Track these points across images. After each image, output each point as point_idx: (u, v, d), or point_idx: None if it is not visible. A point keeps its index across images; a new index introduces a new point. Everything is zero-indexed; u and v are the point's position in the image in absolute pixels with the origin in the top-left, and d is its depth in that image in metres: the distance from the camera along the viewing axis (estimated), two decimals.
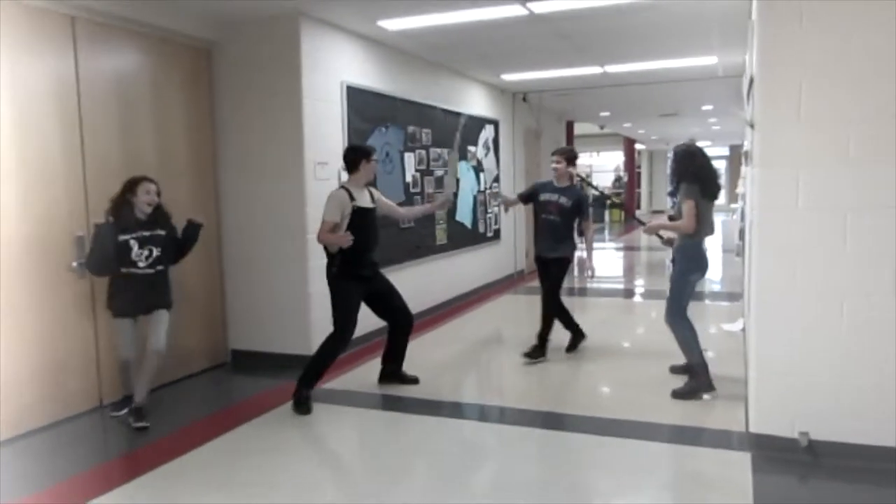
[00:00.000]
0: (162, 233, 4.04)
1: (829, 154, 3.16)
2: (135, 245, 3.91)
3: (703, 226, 4.26)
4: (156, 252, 3.99)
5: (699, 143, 4.62)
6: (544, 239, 5.24)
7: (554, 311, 5.27)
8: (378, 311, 4.59)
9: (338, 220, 4.18)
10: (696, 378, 4.31)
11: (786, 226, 3.26)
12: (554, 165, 5.24)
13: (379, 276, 4.52)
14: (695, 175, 4.20)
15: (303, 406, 4.22)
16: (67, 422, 4.09)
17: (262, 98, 5.15)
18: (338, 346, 4.33)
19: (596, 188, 5.35)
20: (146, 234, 3.96)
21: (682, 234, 4.30)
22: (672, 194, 4.37)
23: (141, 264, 3.94)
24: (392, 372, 4.74)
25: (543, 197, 5.22)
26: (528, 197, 5.43)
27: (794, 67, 3.18)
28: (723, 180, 27.18)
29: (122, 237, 3.88)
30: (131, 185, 3.95)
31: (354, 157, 4.34)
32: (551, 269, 5.23)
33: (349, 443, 3.95)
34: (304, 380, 4.31)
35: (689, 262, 4.31)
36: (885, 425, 3.16)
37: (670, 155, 4.64)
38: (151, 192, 3.99)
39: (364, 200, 4.32)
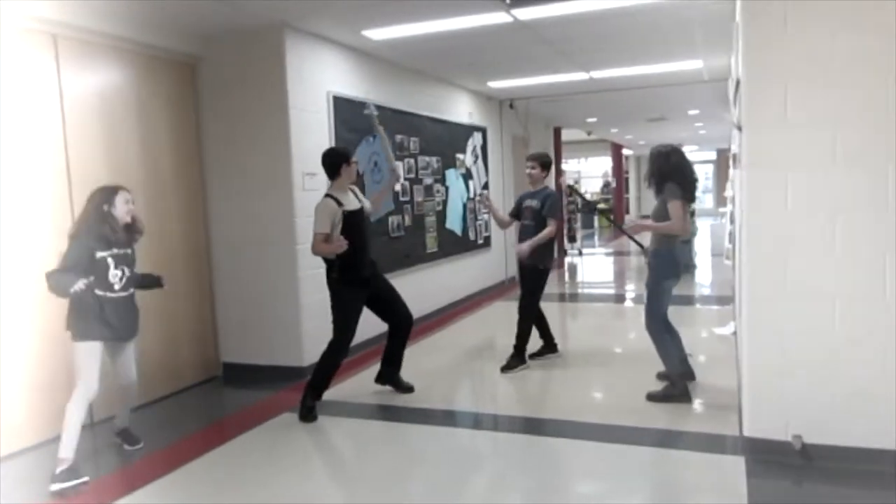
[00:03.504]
0: (130, 251, 3.60)
1: (816, 155, 3.16)
2: (111, 264, 3.45)
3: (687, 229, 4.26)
4: (127, 273, 3.55)
5: (686, 148, 4.61)
6: (524, 240, 5.14)
7: (529, 321, 5.19)
8: (379, 312, 4.55)
9: (328, 231, 4.16)
10: (672, 385, 4.29)
11: (775, 228, 3.26)
12: (528, 171, 5.18)
13: (379, 276, 4.52)
14: (671, 175, 4.16)
15: (309, 415, 4.23)
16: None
17: (248, 110, 5.12)
18: (338, 352, 4.31)
19: (583, 196, 5.31)
20: (120, 252, 3.51)
21: (658, 236, 4.26)
22: (657, 193, 4.31)
23: (116, 287, 3.49)
24: (389, 375, 4.71)
25: (524, 204, 5.20)
26: (516, 212, 5.35)
27: (779, 69, 3.18)
28: (710, 184, 27.37)
29: (100, 254, 3.42)
30: (109, 195, 3.48)
31: (334, 161, 4.31)
32: (526, 277, 5.17)
33: (343, 453, 3.90)
34: (311, 389, 4.30)
35: (665, 267, 4.27)
36: (879, 427, 3.15)
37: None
38: (130, 201, 3.55)
39: (351, 203, 4.31)
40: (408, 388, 4.71)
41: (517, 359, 5.18)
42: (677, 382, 4.28)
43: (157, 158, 4.86)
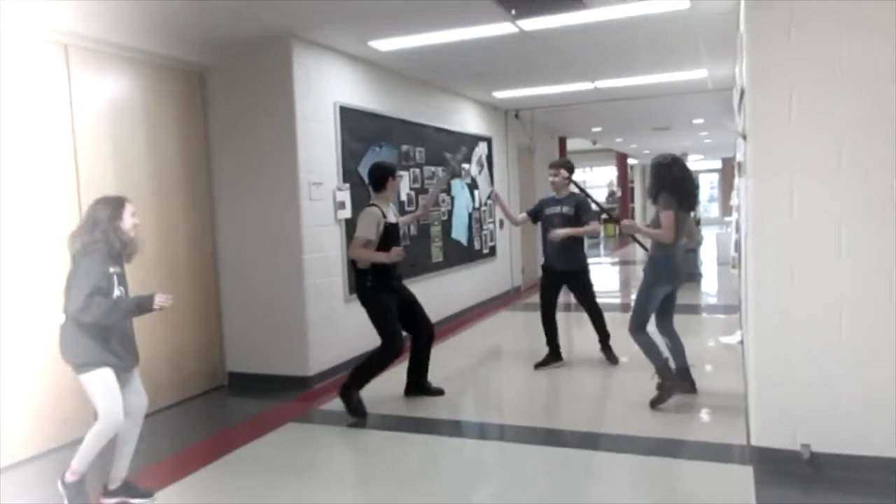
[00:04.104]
0: (123, 270, 3.23)
1: (822, 163, 3.16)
2: (116, 282, 3.12)
3: (681, 237, 4.29)
4: (125, 293, 3.19)
5: (691, 157, 4.64)
6: (554, 252, 5.27)
7: (598, 310, 5.40)
8: (401, 318, 4.61)
9: (372, 237, 4.29)
10: (664, 380, 4.33)
11: (781, 236, 3.25)
12: (552, 179, 5.28)
13: (403, 286, 4.65)
14: (671, 186, 4.22)
15: (360, 407, 4.34)
16: (64, 448, 4.02)
17: (255, 120, 5.15)
18: (390, 358, 4.42)
19: (594, 200, 5.33)
20: (120, 270, 3.18)
21: (655, 243, 4.32)
22: (654, 203, 4.37)
23: None
24: (417, 384, 4.79)
25: (548, 212, 5.27)
26: (535, 214, 5.45)
27: (783, 78, 3.19)
28: (716, 193, 27.34)
29: (112, 269, 3.11)
30: (118, 207, 3.15)
31: (381, 175, 4.50)
32: (574, 284, 5.29)
33: (349, 465, 3.89)
34: (353, 385, 4.38)
35: (658, 274, 4.32)
36: (889, 436, 3.13)
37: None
38: (135, 214, 3.24)
39: (392, 216, 4.51)
40: (438, 392, 4.81)
41: (609, 354, 5.43)
42: (666, 375, 4.32)
43: (164, 167, 4.90)
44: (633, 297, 4.53)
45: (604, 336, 5.46)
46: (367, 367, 4.43)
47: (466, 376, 5.46)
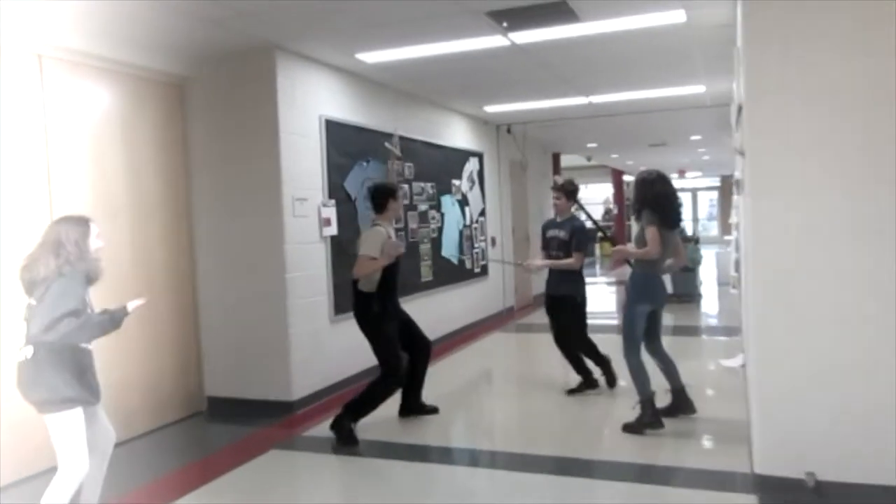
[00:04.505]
0: None
1: (821, 180, 3.19)
2: (91, 308, 3.01)
3: (665, 255, 4.33)
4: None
5: (689, 174, 4.71)
6: (551, 276, 5.30)
7: (576, 349, 5.30)
8: (400, 341, 4.64)
9: (377, 256, 4.34)
10: (644, 413, 4.35)
11: (781, 255, 3.27)
12: (554, 201, 5.33)
13: (399, 306, 4.70)
14: (653, 202, 4.25)
15: (350, 438, 4.32)
16: (36, 478, 3.96)
17: (237, 134, 5.16)
18: (392, 388, 4.48)
19: (590, 217, 5.37)
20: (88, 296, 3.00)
21: (636, 262, 4.39)
22: (637, 220, 4.43)
23: None
24: (412, 405, 4.82)
25: (549, 234, 5.31)
26: (543, 241, 5.42)
27: (781, 94, 3.23)
28: (715, 211, 27.53)
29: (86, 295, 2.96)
30: (85, 228, 3.02)
31: (381, 196, 4.58)
32: (561, 311, 5.25)
33: (335, 494, 3.85)
34: (350, 413, 4.38)
35: (638, 293, 4.38)
36: (895, 463, 3.12)
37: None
38: (100, 236, 3.11)
39: (393, 236, 4.58)
40: (433, 410, 4.87)
41: (587, 383, 5.30)
42: (647, 408, 4.33)
43: (142, 182, 4.88)
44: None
45: (578, 365, 5.31)
46: (368, 399, 4.42)
47: (458, 401, 5.43)
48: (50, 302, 2.81)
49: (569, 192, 5.27)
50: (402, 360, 4.47)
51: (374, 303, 4.41)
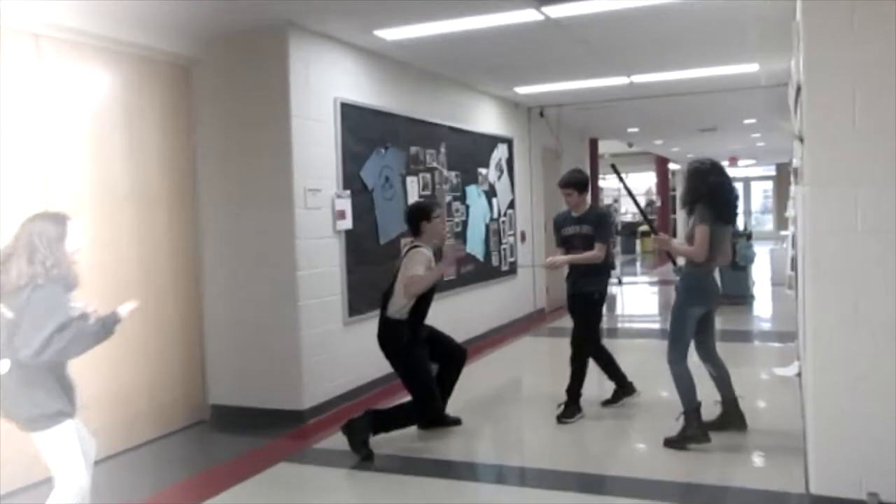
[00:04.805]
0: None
1: (887, 169, 3.16)
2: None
3: (715, 254, 4.31)
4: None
5: (742, 162, 4.70)
6: (572, 273, 5.24)
7: (584, 359, 5.16)
8: (431, 355, 4.76)
9: (423, 274, 4.44)
10: (688, 426, 4.33)
11: (843, 252, 3.25)
12: (566, 198, 5.22)
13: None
14: (707, 196, 4.25)
15: (363, 448, 4.36)
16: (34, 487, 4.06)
17: (246, 119, 5.23)
18: (423, 419, 4.68)
19: (638, 206, 5.26)
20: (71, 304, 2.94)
21: (688, 261, 4.37)
22: (689, 215, 4.41)
23: None
24: (437, 416, 4.85)
25: (566, 232, 5.22)
26: (558, 238, 5.35)
27: (845, 73, 3.20)
28: (770, 202, 27.22)
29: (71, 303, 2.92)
30: (63, 226, 2.96)
31: (413, 219, 4.72)
32: (579, 307, 5.19)
33: None
34: (372, 424, 4.44)
35: (690, 293, 4.37)
36: None
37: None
38: (80, 234, 3.05)
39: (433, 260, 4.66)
40: (455, 422, 4.94)
41: (573, 406, 5.09)
42: (692, 420, 4.32)
43: (144, 170, 4.97)
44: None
45: (576, 386, 5.14)
46: (396, 417, 4.56)
47: (483, 411, 5.46)
48: (34, 321, 2.75)
49: (580, 184, 5.17)
50: (437, 393, 4.58)
51: (403, 331, 4.49)
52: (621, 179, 5.14)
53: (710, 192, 4.26)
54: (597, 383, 5.56)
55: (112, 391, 4.60)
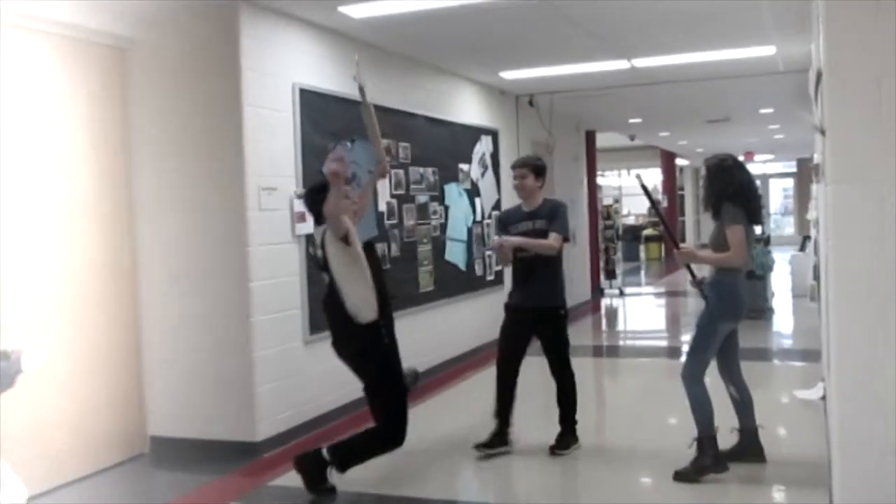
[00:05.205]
0: None
1: None
2: None
3: (749, 258, 4.44)
4: None
5: (758, 157, 4.76)
6: (525, 284, 5.06)
7: (573, 382, 5.15)
8: None
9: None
10: (702, 454, 4.35)
11: (871, 259, 3.27)
12: (518, 182, 5.07)
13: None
14: (737, 194, 4.32)
15: (322, 485, 4.29)
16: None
17: (191, 108, 5.20)
18: (390, 443, 4.41)
19: (658, 212, 5.21)
20: None
21: (723, 267, 4.39)
22: (715, 216, 4.44)
23: None
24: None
25: (517, 229, 5.04)
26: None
27: (870, 58, 3.22)
28: (790, 204, 27.48)
29: None
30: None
31: (312, 202, 4.43)
32: (547, 328, 5.07)
33: None
34: (334, 458, 4.30)
35: (724, 304, 4.40)
36: None
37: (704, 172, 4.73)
38: None
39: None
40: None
41: (570, 436, 5.07)
42: (708, 448, 4.34)
43: (72, 167, 4.92)
44: (685, 338, 4.56)
45: (569, 413, 5.11)
46: (358, 448, 4.39)
47: (463, 445, 5.44)
48: None
49: (538, 168, 5.11)
50: (407, 417, 4.41)
51: (381, 334, 4.33)
52: (648, 195, 5.01)
53: (740, 190, 4.34)
54: (604, 405, 5.57)
55: (32, 423, 4.53)
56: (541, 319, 5.05)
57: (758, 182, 4.76)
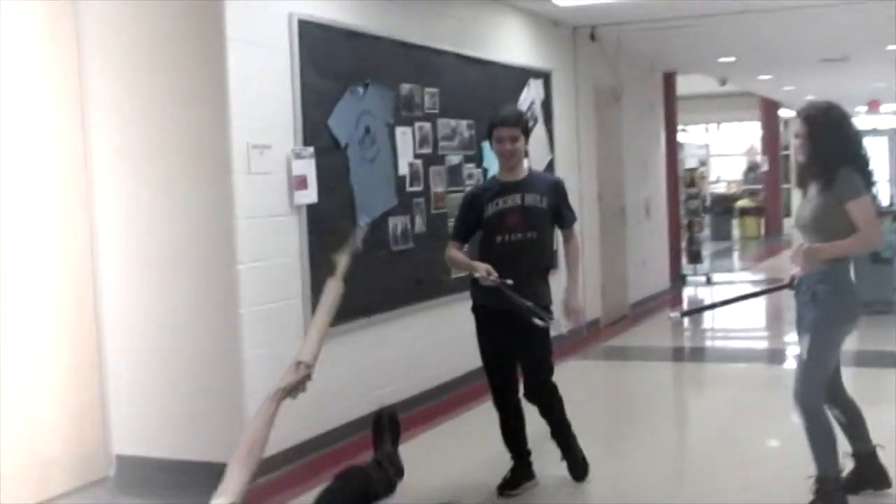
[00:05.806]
0: None
1: None
2: None
3: None
4: None
5: (883, 107, 4.70)
6: (510, 275, 4.74)
7: (560, 397, 5.21)
8: None
9: None
10: (822, 496, 4.26)
11: None
12: (508, 147, 4.82)
13: None
14: (854, 155, 4.24)
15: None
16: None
17: (161, 48, 5.20)
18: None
19: (711, 307, 5.21)
20: None
21: (852, 253, 4.34)
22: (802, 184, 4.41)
23: None
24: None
25: (493, 208, 4.83)
26: (472, 225, 4.94)
27: None
28: None
29: None
30: None
31: None
32: (527, 336, 4.98)
33: None
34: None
35: (841, 299, 4.28)
36: None
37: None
38: None
39: None
40: None
41: (580, 459, 5.14)
42: (832, 491, 4.25)
43: (17, 125, 4.94)
44: (789, 337, 4.49)
45: (566, 440, 5.16)
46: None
47: (501, 466, 5.44)
48: None
49: (527, 128, 5.11)
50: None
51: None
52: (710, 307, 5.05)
53: (856, 150, 4.27)
54: (686, 419, 5.52)
55: None
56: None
57: (878, 139, 4.73)
